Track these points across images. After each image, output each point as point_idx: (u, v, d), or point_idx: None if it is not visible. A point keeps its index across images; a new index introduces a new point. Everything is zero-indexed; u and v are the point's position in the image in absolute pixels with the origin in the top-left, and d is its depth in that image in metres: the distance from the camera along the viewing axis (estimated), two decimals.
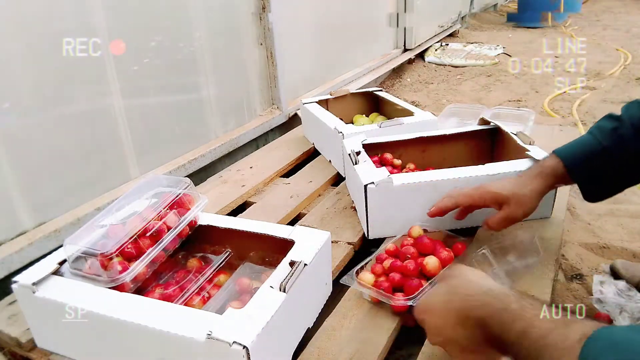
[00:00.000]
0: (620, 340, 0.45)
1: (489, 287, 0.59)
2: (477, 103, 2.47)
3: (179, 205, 0.88)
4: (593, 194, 0.85)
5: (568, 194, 1.14)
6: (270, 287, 0.70)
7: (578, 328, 0.48)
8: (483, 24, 4.75)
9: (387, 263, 0.86)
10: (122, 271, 0.75)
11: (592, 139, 0.83)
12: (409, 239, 0.92)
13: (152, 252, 0.79)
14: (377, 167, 1.02)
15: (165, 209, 0.87)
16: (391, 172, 1.01)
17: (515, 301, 0.55)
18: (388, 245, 0.92)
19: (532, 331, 0.51)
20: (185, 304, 0.78)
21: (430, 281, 0.81)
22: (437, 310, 0.63)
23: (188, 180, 0.94)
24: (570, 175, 0.83)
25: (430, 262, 0.84)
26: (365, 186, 0.95)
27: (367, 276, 0.85)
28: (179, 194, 0.90)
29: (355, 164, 1.04)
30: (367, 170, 1.00)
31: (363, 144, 1.14)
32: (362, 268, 0.87)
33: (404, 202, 0.97)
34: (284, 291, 0.69)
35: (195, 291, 0.82)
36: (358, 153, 1.08)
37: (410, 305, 0.77)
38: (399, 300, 0.79)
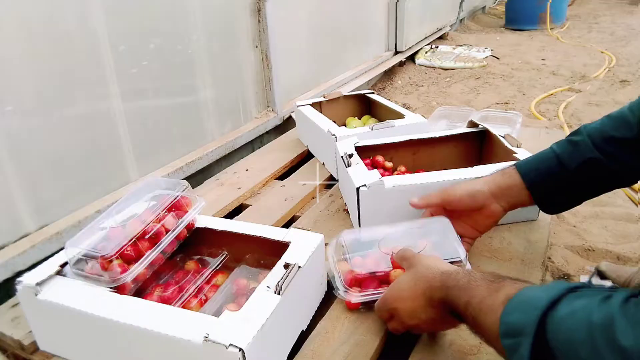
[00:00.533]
0: (526, 298, 0.51)
1: (445, 269, 0.68)
2: (466, 105, 2.51)
3: (176, 207, 0.90)
4: (550, 205, 0.87)
5: None
6: (266, 289, 0.71)
7: (505, 291, 0.55)
8: (473, 26, 4.80)
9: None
10: (121, 273, 0.77)
11: (548, 151, 0.86)
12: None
13: (151, 255, 0.81)
14: (369, 169, 1.04)
15: (164, 211, 0.88)
16: (383, 175, 1.03)
17: (463, 277, 0.63)
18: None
19: (472, 301, 0.58)
20: (183, 306, 0.80)
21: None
22: (407, 296, 0.70)
23: (186, 182, 0.95)
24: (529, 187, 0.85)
25: (395, 274, 0.82)
26: (358, 189, 0.97)
27: (344, 266, 0.85)
28: (177, 196, 0.91)
29: (348, 166, 1.07)
30: (359, 173, 1.02)
31: (355, 147, 1.16)
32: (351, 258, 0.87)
33: (396, 204, 1.00)
34: (279, 293, 0.70)
35: (193, 293, 0.84)
36: (350, 155, 1.10)
37: (364, 303, 0.82)
38: (352, 294, 0.81)
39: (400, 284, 0.73)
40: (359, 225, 1.02)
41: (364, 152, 1.18)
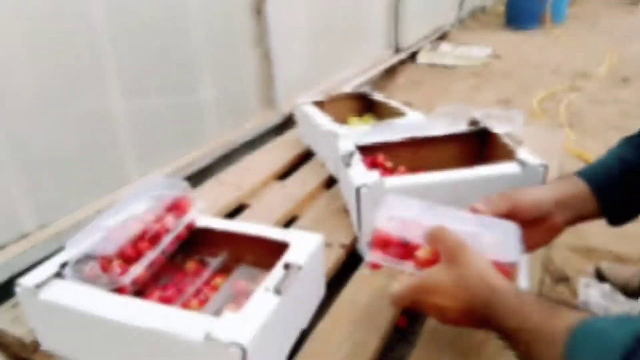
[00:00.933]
0: (596, 336, 0.48)
1: (494, 284, 0.60)
2: (467, 103, 2.51)
3: (176, 207, 0.90)
4: (619, 212, 0.78)
5: None
6: (266, 289, 0.71)
7: (564, 319, 0.51)
8: (473, 25, 4.79)
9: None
10: (121, 273, 0.77)
11: (609, 154, 0.80)
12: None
13: (151, 255, 0.81)
14: (368, 169, 1.04)
15: (163, 211, 0.88)
16: (382, 175, 1.03)
17: (514, 298, 0.57)
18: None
19: (525, 326, 0.54)
20: (183, 306, 0.80)
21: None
22: (443, 296, 0.63)
23: (185, 182, 0.95)
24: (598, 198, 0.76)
25: (423, 254, 0.72)
26: (358, 189, 0.97)
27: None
28: (177, 196, 0.92)
29: (348, 166, 1.06)
30: (358, 173, 1.02)
31: (356, 146, 1.16)
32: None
33: None
34: (279, 293, 0.70)
35: (193, 294, 0.84)
36: (351, 155, 1.10)
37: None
38: (371, 254, 0.72)
39: (438, 282, 0.64)
40: (360, 226, 1.01)
41: (364, 151, 1.18)
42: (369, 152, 1.20)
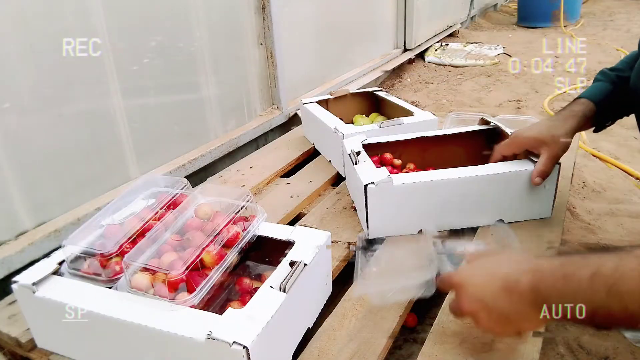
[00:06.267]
0: None
1: (535, 257, 0.58)
2: (477, 103, 2.47)
3: (175, 205, 0.88)
4: (602, 125, 1.01)
5: (568, 194, 1.14)
6: (271, 287, 0.70)
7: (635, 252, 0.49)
8: (485, 24, 4.75)
9: None
10: (119, 272, 0.76)
11: (606, 85, 1.00)
12: None
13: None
14: (377, 167, 1.02)
15: (163, 209, 0.87)
16: (391, 172, 1.01)
17: (567, 259, 0.54)
18: None
19: (603, 269, 0.49)
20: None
21: None
22: (479, 276, 0.61)
23: (185, 180, 0.94)
24: (598, 113, 0.97)
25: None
26: (366, 186, 0.95)
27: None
28: (176, 194, 0.90)
29: (355, 163, 1.04)
30: (367, 170, 1.00)
31: (363, 144, 1.13)
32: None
33: (404, 202, 0.97)
34: (284, 291, 0.69)
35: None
36: (358, 153, 1.08)
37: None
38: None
39: (475, 265, 0.64)
40: (367, 223, 0.99)
41: (372, 149, 1.16)
42: (377, 150, 1.18)
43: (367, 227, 1.00)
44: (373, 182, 0.95)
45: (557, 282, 0.52)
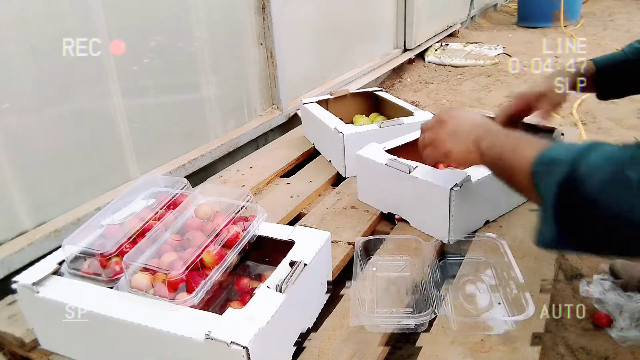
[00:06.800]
0: (565, 145, 0.57)
1: (487, 121, 0.76)
2: (477, 103, 2.47)
3: (175, 205, 0.88)
4: (607, 93, 1.04)
5: None
6: (270, 287, 0.70)
7: (538, 144, 0.60)
8: (485, 23, 4.75)
9: None
10: (119, 272, 0.76)
11: (621, 54, 1.01)
12: None
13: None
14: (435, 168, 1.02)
15: (163, 209, 0.87)
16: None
17: (509, 132, 0.69)
18: None
19: (520, 143, 0.64)
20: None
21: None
22: (461, 115, 0.79)
23: (185, 180, 0.94)
24: (597, 73, 1.01)
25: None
26: (450, 190, 0.93)
27: None
28: (176, 194, 0.90)
29: (410, 172, 1.01)
30: (437, 175, 0.98)
31: (386, 151, 1.11)
32: None
33: (480, 197, 0.99)
34: (284, 291, 0.69)
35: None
36: (393, 160, 1.06)
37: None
38: None
39: (458, 112, 0.80)
40: (449, 226, 0.97)
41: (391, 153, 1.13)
42: (395, 154, 1.13)
43: (448, 230, 0.97)
44: (457, 184, 0.93)
45: (494, 137, 0.71)
